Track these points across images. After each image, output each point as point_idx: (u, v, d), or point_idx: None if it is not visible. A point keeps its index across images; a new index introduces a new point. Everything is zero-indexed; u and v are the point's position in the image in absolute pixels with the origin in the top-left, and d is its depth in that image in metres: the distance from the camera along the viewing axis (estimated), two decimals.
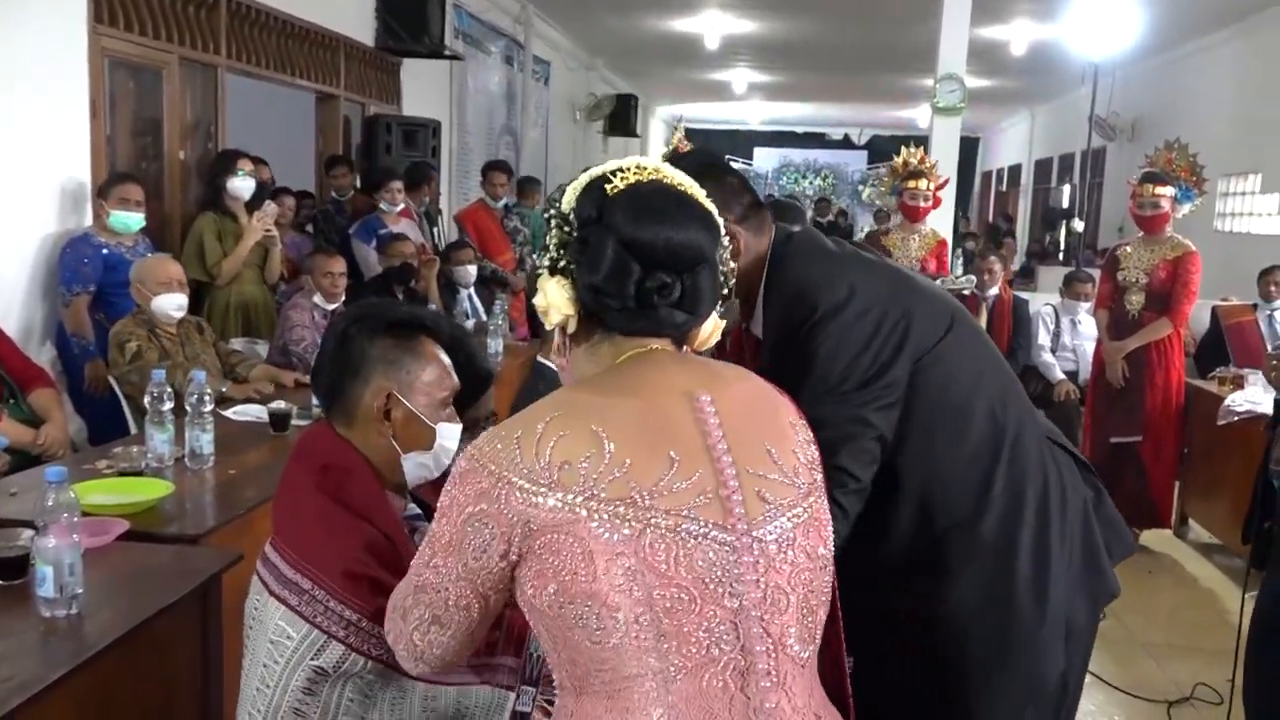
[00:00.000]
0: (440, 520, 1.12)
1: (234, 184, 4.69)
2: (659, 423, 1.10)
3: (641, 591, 1.02)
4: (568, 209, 1.20)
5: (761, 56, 12.30)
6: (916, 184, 5.61)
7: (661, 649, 1.02)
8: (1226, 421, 4.51)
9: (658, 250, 1.14)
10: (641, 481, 1.05)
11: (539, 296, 1.20)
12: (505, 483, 1.06)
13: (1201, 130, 7.72)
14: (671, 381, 1.15)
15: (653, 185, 1.18)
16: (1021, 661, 1.62)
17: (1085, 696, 3.36)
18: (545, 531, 1.04)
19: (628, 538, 1.03)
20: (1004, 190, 19.30)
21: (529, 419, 1.10)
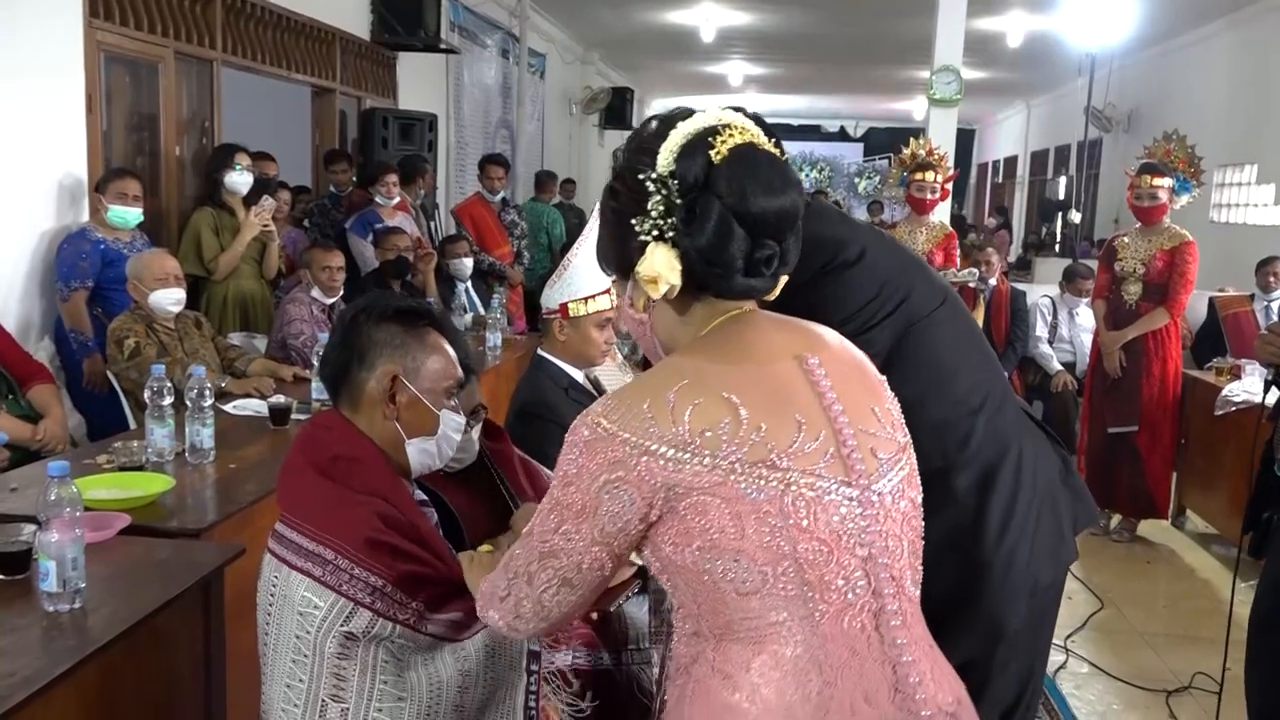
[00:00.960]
0: (567, 488, 1.16)
1: (231, 179, 4.68)
2: (779, 388, 1.16)
3: (787, 546, 1.11)
4: (667, 171, 1.18)
5: (757, 49, 12.29)
6: (925, 176, 5.59)
7: (805, 595, 1.12)
8: (1224, 412, 4.52)
9: (768, 221, 1.18)
10: (777, 444, 1.12)
11: (644, 264, 1.18)
12: (643, 450, 1.11)
13: (1198, 121, 7.73)
14: (777, 345, 1.21)
15: (753, 150, 1.19)
16: (981, 606, 1.68)
17: (1085, 686, 3.40)
18: (691, 494, 1.11)
19: (772, 497, 1.11)
20: (1000, 182, 19.31)
21: (653, 388, 1.14)
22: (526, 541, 1.23)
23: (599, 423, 1.14)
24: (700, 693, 1.15)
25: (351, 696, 1.49)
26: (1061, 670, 3.50)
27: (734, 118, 1.22)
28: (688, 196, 1.17)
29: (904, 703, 1.14)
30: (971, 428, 1.70)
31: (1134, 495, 4.80)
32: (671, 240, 1.17)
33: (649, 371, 1.20)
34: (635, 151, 1.23)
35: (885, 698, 1.14)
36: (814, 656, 1.12)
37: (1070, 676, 3.47)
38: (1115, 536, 4.86)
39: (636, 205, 1.19)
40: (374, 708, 1.49)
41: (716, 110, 1.22)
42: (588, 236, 2.72)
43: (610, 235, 1.26)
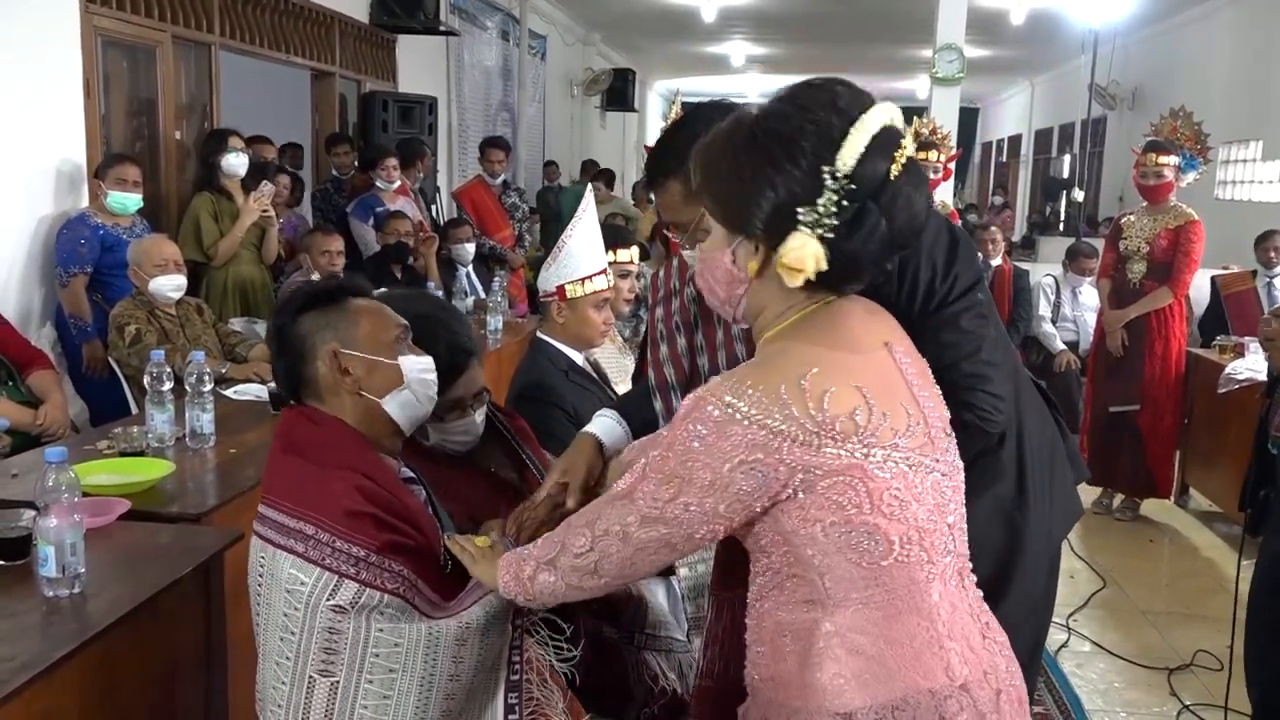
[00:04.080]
0: (689, 462, 1.20)
1: (228, 161, 4.67)
2: (884, 376, 1.26)
3: (911, 517, 1.22)
4: (847, 171, 1.19)
5: (759, 28, 12.22)
6: (928, 155, 5.57)
7: (922, 560, 1.24)
8: (1227, 389, 4.51)
9: (909, 242, 1.28)
10: (898, 429, 1.22)
11: (792, 253, 1.20)
12: (782, 436, 1.17)
13: (1202, 98, 7.68)
14: (870, 333, 1.29)
15: (917, 167, 1.24)
16: (1025, 578, 1.71)
17: (1087, 665, 3.40)
18: (830, 476, 1.18)
19: (899, 474, 1.21)
20: (1004, 161, 19.23)
21: (786, 373, 1.19)
22: (621, 504, 1.27)
23: (732, 403, 1.18)
24: (829, 656, 1.24)
25: (342, 670, 1.50)
26: (1063, 649, 3.50)
27: (897, 115, 1.24)
28: (858, 198, 1.19)
29: (990, 645, 1.32)
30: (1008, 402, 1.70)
31: (1135, 474, 4.79)
32: (824, 237, 1.20)
33: (769, 356, 1.25)
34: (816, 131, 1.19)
35: (979, 644, 1.30)
36: (931, 615, 1.25)
37: (1072, 655, 3.48)
38: (1118, 515, 4.86)
39: (802, 190, 1.19)
40: (365, 679, 1.50)
41: (888, 105, 1.24)
42: (582, 218, 2.71)
43: (742, 187, 1.23)
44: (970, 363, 1.57)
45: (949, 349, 1.56)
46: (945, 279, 1.58)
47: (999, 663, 1.32)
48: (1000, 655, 1.33)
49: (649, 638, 2.03)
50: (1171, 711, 3.11)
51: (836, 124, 1.19)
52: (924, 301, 1.58)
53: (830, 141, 1.19)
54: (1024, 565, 1.70)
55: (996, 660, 1.32)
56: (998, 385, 1.58)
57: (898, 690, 1.23)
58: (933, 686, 1.23)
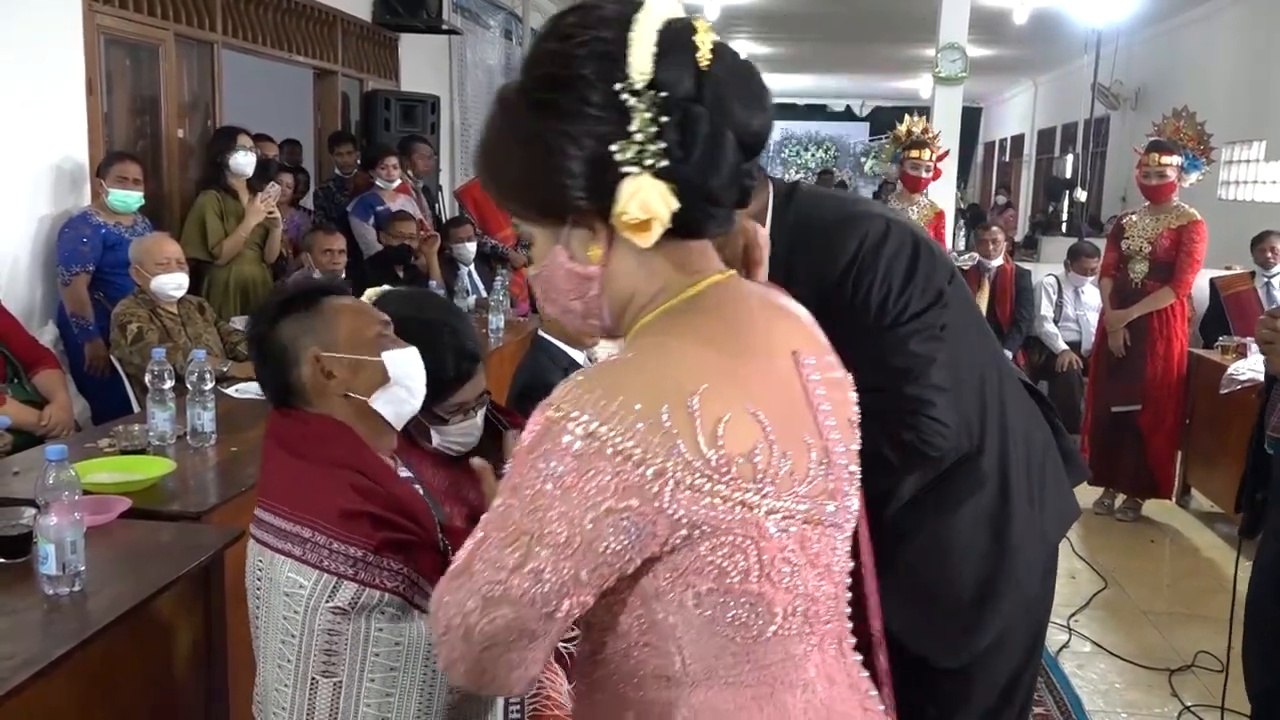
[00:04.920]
0: (538, 513, 0.89)
1: (236, 160, 4.67)
2: (787, 397, 0.97)
3: (800, 584, 0.96)
4: (645, 80, 0.92)
5: (762, 27, 12.21)
6: (919, 154, 5.58)
7: (805, 633, 0.99)
8: (1229, 390, 4.50)
9: (761, 141, 0.98)
10: (800, 473, 0.95)
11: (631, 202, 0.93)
12: (665, 478, 0.87)
13: (1205, 98, 7.66)
14: (774, 334, 1.01)
15: (733, 53, 0.98)
16: (1014, 580, 1.72)
17: (1088, 665, 3.40)
18: (718, 534, 0.90)
19: (795, 535, 0.94)
20: (1007, 161, 19.21)
21: (667, 387, 0.89)
22: (458, 583, 0.95)
23: (597, 430, 0.87)
24: None
25: (344, 670, 1.50)
26: (1064, 649, 3.50)
27: (675, 7, 0.98)
28: (676, 113, 0.92)
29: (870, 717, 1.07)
30: (986, 404, 1.71)
31: (1137, 474, 4.79)
32: (659, 169, 0.92)
33: (643, 354, 0.95)
34: (592, 54, 0.93)
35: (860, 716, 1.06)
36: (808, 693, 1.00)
37: (1073, 655, 3.47)
38: (1119, 516, 4.86)
39: (608, 125, 0.92)
40: (367, 678, 1.50)
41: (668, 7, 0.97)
42: None
43: (542, 161, 0.95)
44: (915, 386, 1.58)
45: (893, 372, 1.58)
46: (898, 299, 1.58)
47: None
48: None
49: None
50: (1172, 712, 3.10)
51: (611, 35, 0.93)
52: (875, 318, 1.58)
53: (613, 57, 0.93)
54: (1014, 568, 1.71)
55: None
56: (942, 410, 1.59)
57: None
58: None
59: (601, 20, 0.94)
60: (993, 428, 1.71)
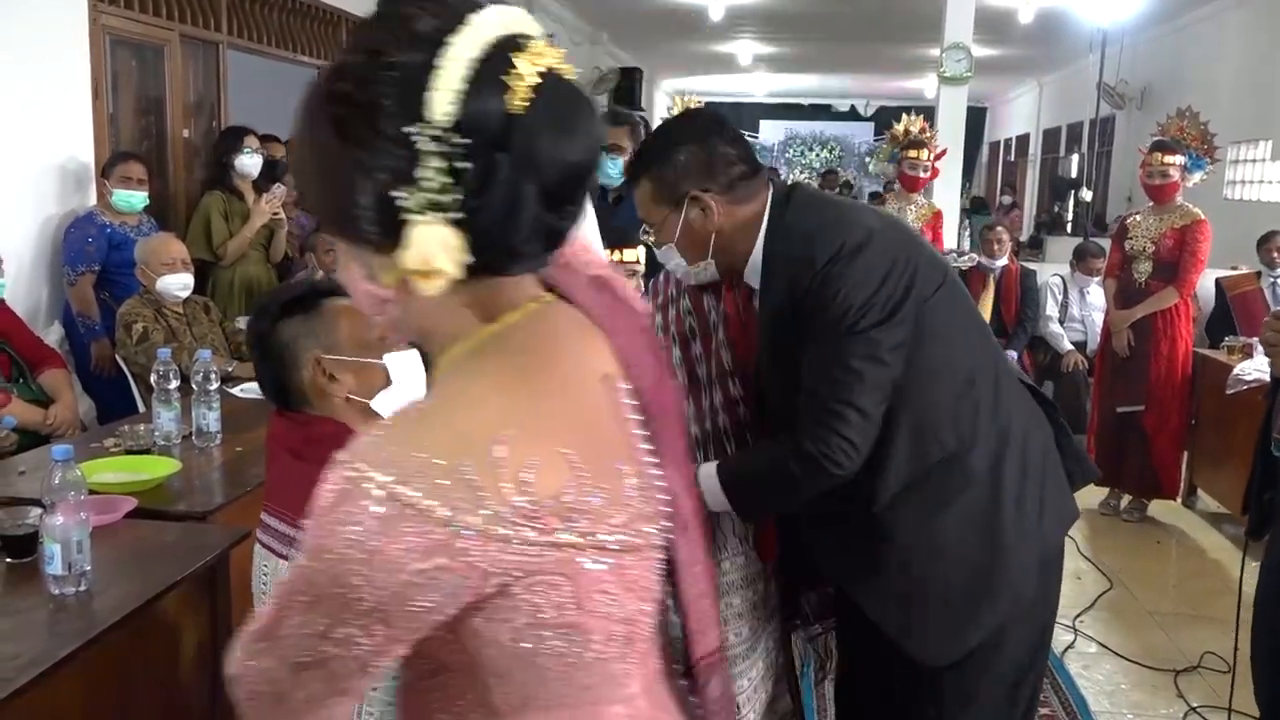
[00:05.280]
0: (348, 579, 0.82)
1: (242, 161, 4.68)
2: (600, 428, 0.94)
3: (620, 612, 0.94)
4: (447, 120, 0.81)
5: (766, 27, 12.21)
6: (917, 154, 5.57)
7: (625, 653, 0.97)
8: (1235, 390, 4.49)
9: (580, 180, 0.90)
10: (614, 505, 0.92)
11: (410, 250, 0.83)
12: (473, 531, 0.83)
13: (1211, 97, 7.65)
14: (585, 361, 0.97)
15: (558, 84, 0.87)
16: (1006, 580, 1.71)
17: (1094, 666, 3.39)
18: (531, 576, 0.87)
19: (612, 566, 0.92)
20: (1012, 160, 19.18)
21: (471, 438, 0.84)
22: (264, 648, 0.89)
23: (399, 491, 0.81)
24: None
25: None
26: (1070, 650, 3.49)
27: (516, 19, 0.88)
28: (479, 158, 0.82)
29: None
30: (978, 405, 1.71)
31: (1142, 475, 4.78)
32: (451, 218, 0.83)
33: (445, 401, 0.89)
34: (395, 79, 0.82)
35: None
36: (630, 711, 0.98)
37: (1078, 656, 3.47)
38: (1125, 516, 4.85)
39: (395, 166, 0.82)
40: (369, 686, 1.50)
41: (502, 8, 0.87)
42: None
43: (332, 183, 0.86)
44: (836, 401, 1.60)
45: (823, 380, 1.62)
46: (858, 311, 1.61)
47: None
48: None
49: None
50: (1178, 713, 3.10)
51: (419, 61, 0.82)
52: (832, 325, 1.61)
53: (414, 89, 0.82)
54: (1006, 569, 1.71)
55: None
56: (855, 431, 1.60)
57: None
58: None
59: (412, 39, 0.83)
60: (985, 428, 1.71)
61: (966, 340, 1.75)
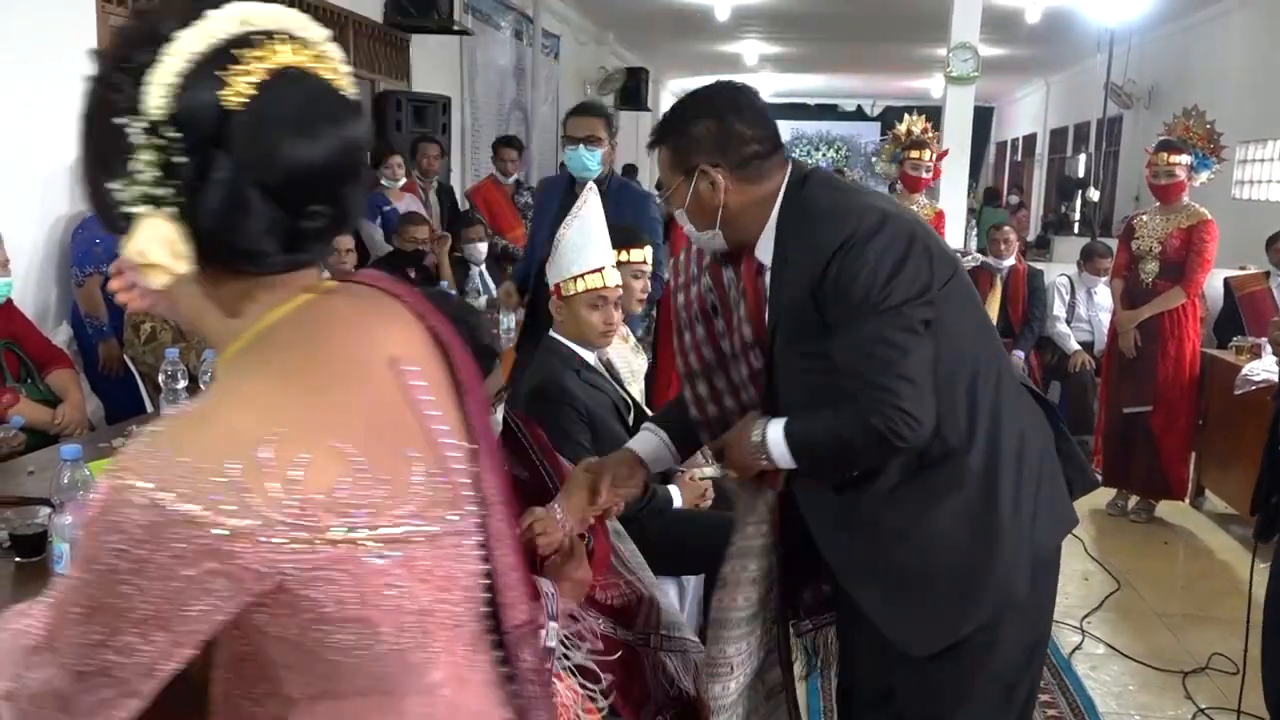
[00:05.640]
0: (119, 588, 0.82)
1: None
2: (382, 415, 0.93)
3: (412, 604, 0.94)
4: (163, 114, 0.83)
5: (772, 27, 12.21)
6: (920, 154, 5.56)
7: (424, 643, 0.97)
8: (1243, 391, 4.48)
9: (317, 183, 0.88)
10: (399, 495, 0.91)
11: (131, 243, 0.85)
12: (239, 536, 0.82)
13: (1219, 97, 7.63)
14: (373, 348, 0.96)
15: (298, 85, 0.87)
16: (994, 578, 1.71)
17: (1101, 667, 3.39)
18: (307, 574, 0.87)
19: (397, 559, 0.91)
20: (1019, 160, 19.15)
21: (237, 439, 0.84)
22: (42, 659, 0.87)
23: (162, 497, 0.80)
24: None
25: None
26: (1077, 651, 3.49)
27: (268, 14, 0.90)
28: (195, 154, 0.83)
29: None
30: (978, 404, 1.71)
31: (1150, 476, 4.77)
32: (172, 212, 0.84)
33: (216, 403, 0.88)
34: (127, 73, 0.84)
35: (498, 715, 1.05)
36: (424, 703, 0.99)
37: (1086, 657, 3.46)
38: (1133, 517, 4.83)
39: (113, 158, 0.84)
40: None
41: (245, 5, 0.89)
42: (577, 215, 2.71)
43: (84, 170, 0.90)
44: (883, 376, 1.59)
45: (864, 358, 1.61)
46: (882, 289, 1.61)
47: None
48: None
49: (664, 639, 2.04)
50: (1186, 715, 3.09)
51: (146, 59, 0.84)
52: (857, 305, 1.61)
53: (139, 83, 0.84)
54: (995, 569, 1.71)
55: None
56: (910, 402, 1.59)
57: None
58: None
59: (151, 36, 0.85)
60: (982, 427, 1.70)
61: (972, 337, 1.75)
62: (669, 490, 2.74)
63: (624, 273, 2.98)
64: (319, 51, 0.91)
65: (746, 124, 1.77)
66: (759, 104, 1.83)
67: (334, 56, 0.92)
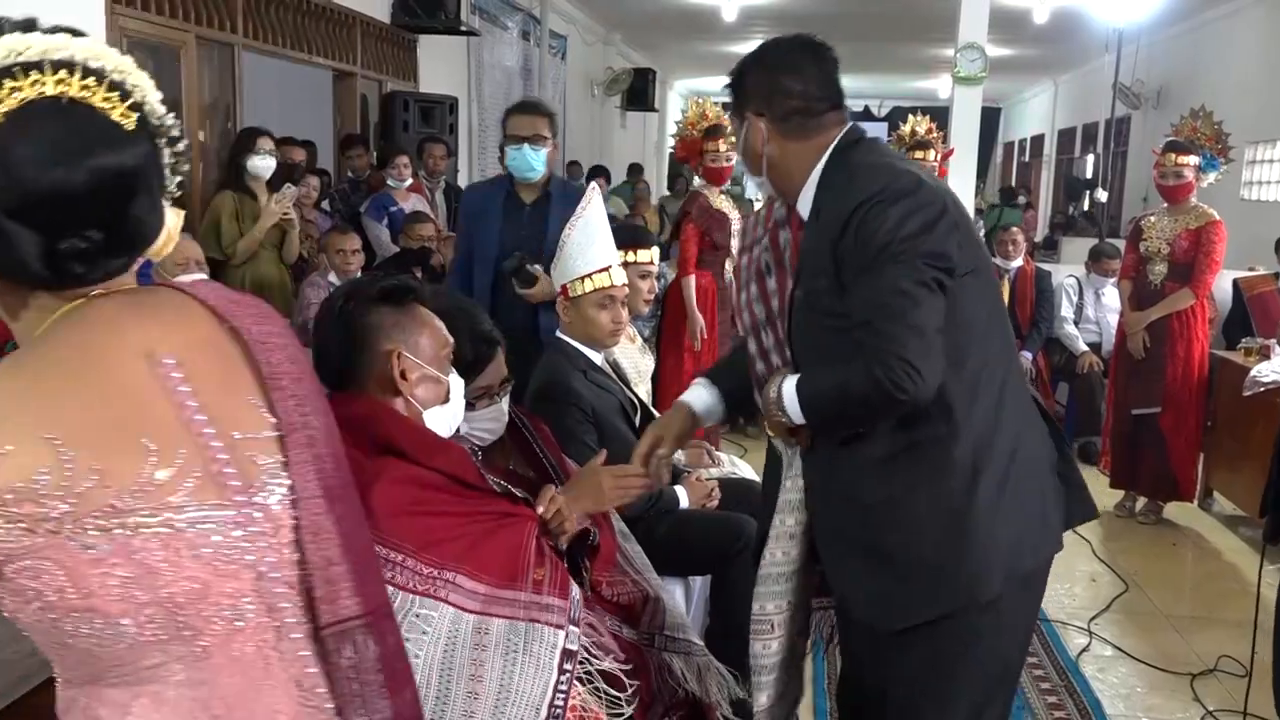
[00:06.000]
0: None
1: (254, 163, 4.69)
2: (123, 408, 0.95)
3: (146, 594, 0.94)
4: None
5: (780, 27, 12.16)
6: (923, 155, 5.55)
7: (183, 636, 0.97)
8: (1252, 392, 4.46)
9: (71, 209, 0.93)
10: (119, 484, 0.92)
11: None
12: None
13: (1227, 97, 7.61)
14: (125, 342, 0.97)
15: (52, 113, 0.92)
16: (962, 573, 1.69)
17: (1109, 669, 3.38)
18: (14, 562, 0.90)
19: (118, 548, 0.92)
20: (1026, 161, 19.11)
21: None
22: None
23: None
24: None
25: None
26: (1085, 653, 3.48)
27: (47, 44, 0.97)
28: None
29: (313, 713, 1.05)
30: (978, 394, 1.69)
31: (1157, 477, 4.75)
32: None
33: None
34: None
35: (288, 708, 1.03)
36: (199, 694, 0.99)
37: (1093, 659, 3.45)
38: (1141, 519, 4.82)
39: None
40: None
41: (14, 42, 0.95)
42: (581, 215, 2.72)
43: None
44: (890, 324, 1.57)
45: (877, 307, 1.59)
46: (902, 241, 1.59)
47: None
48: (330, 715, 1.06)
49: (669, 639, 2.04)
50: (1194, 717, 3.08)
51: None
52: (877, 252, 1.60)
53: None
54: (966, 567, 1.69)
55: None
56: (914, 354, 1.56)
57: None
58: None
59: None
60: (978, 420, 1.68)
61: (984, 332, 1.73)
62: (676, 491, 2.74)
63: (631, 273, 2.99)
64: (89, 83, 0.95)
65: (799, 80, 1.79)
66: (824, 62, 1.84)
67: (121, 85, 0.97)
